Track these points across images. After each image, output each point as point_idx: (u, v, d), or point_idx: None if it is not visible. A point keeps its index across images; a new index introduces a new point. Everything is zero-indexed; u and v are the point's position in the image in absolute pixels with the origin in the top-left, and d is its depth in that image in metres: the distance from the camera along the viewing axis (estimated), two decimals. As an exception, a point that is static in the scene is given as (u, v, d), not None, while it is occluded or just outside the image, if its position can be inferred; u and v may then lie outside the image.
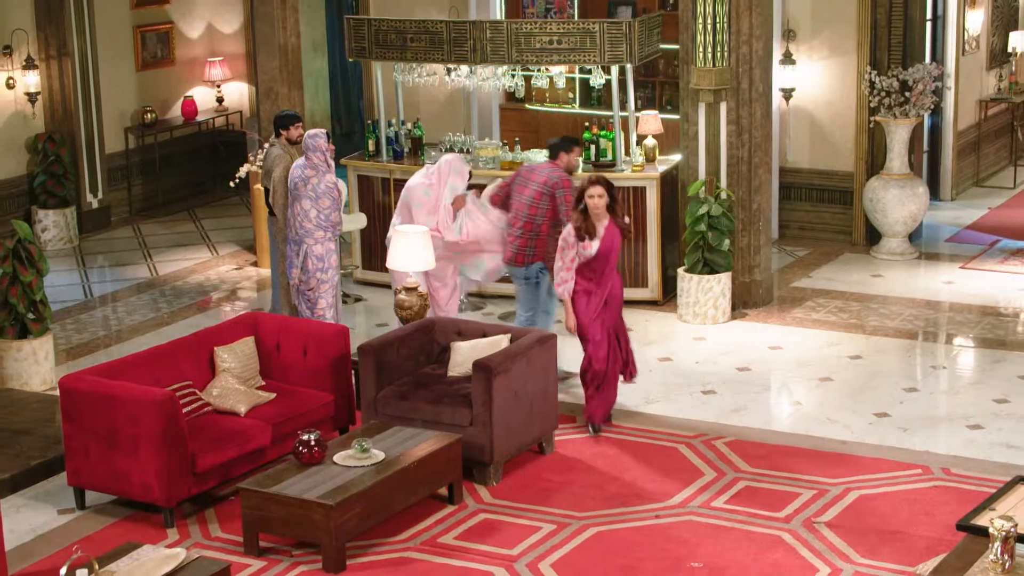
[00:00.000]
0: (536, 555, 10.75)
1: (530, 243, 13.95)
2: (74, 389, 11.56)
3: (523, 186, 14.07)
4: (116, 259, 19.03)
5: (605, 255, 12.70)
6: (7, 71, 19.21)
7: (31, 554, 10.94)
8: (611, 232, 12.68)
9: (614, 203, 12.69)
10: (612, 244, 12.72)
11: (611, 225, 12.68)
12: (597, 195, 12.53)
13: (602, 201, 12.52)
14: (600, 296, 12.85)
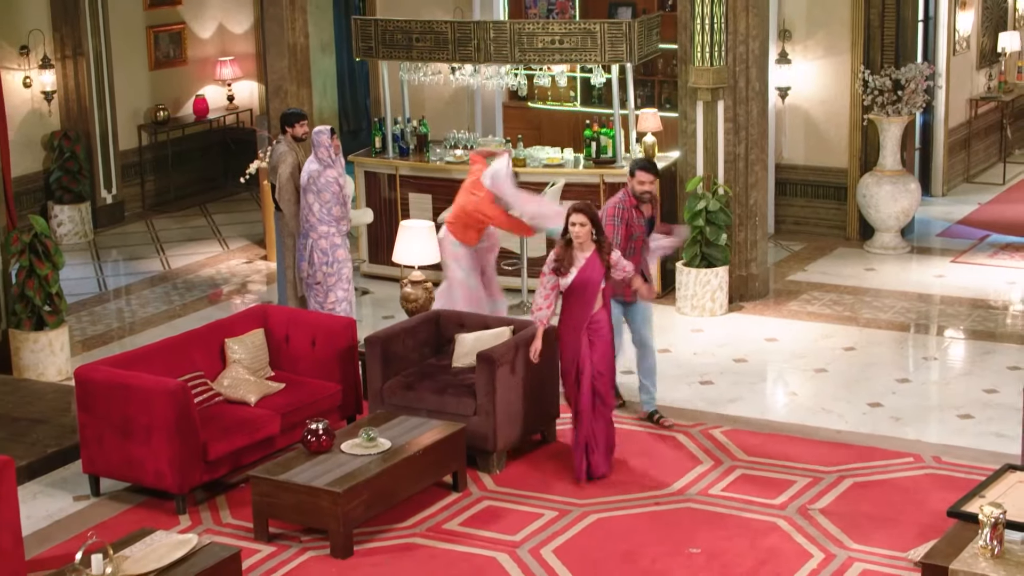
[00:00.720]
0: (538, 541, 10.75)
1: None
2: (89, 379, 11.57)
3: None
4: (130, 253, 19.03)
5: (580, 288, 11.61)
6: (24, 70, 19.22)
7: (48, 539, 10.96)
8: (591, 265, 11.60)
9: (601, 235, 11.65)
10: (589, 277, 11.60)
11: (593, 257, 11.60)
12: (579, 223, 11.55)
13: (584, 230, 11.51)
14: (576, 330, 11.73)
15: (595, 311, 11.72)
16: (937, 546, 9.32)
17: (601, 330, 11.76)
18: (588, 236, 11.56)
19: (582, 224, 11.54)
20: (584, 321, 11.67)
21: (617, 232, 12.44)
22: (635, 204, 12.57)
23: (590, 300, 11.67)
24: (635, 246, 12.60)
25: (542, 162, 16.53)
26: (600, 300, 11.76)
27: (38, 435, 12.51)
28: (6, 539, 9.81)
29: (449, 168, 16.69)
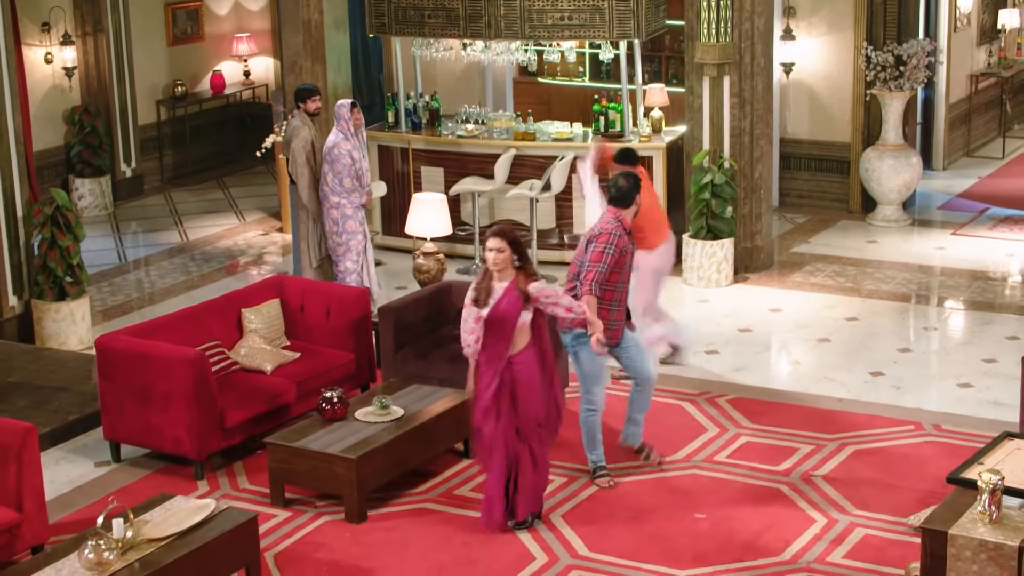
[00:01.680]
0: (548, 507, 10.76)
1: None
2: (109, 348, 11.59)
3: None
4: (149, 225, 19.03)
5: (496, 323, 9.96)
6: (45, 47, 19.20)
7: (70, 504, 10.99)
8: (509, 296, 9.94)
9: (524, 261, 10.02)
10: (505, 312, 9.94)
11: (512, 288, 9.93)
12: (496, 249, 9.89)
13: (501, 257, 9.86)
14: (491, 374, 10.09)
15: (516, 351, 10.05)
16: (937, 512, 9.32)
17: (524, 374, 10.06)
18: (508, 263, 9.92)
19: (499, 250, 9.88)
20: (500, 361, 10.04)
21: (605, 261, 10.65)
22: (628, 230, 10.92)
23: (506, 337, 10.00)
24: (627, 278, 11.00)
25: (551, 136, 16.50)
26: (525, 337, 10.04)
27: (60, 403, 12.56)
28: (30, 503, 9.84)
29: (460, 142, 16.68)
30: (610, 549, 10.15)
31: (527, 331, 10.05)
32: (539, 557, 10.07)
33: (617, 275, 10.80)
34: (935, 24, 19.68)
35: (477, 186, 16.30)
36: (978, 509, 9.05)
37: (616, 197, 10.95)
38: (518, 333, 10.02)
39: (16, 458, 9.79)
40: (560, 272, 16.08)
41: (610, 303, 10.81)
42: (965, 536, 8.92)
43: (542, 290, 10.05)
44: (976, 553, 8.89)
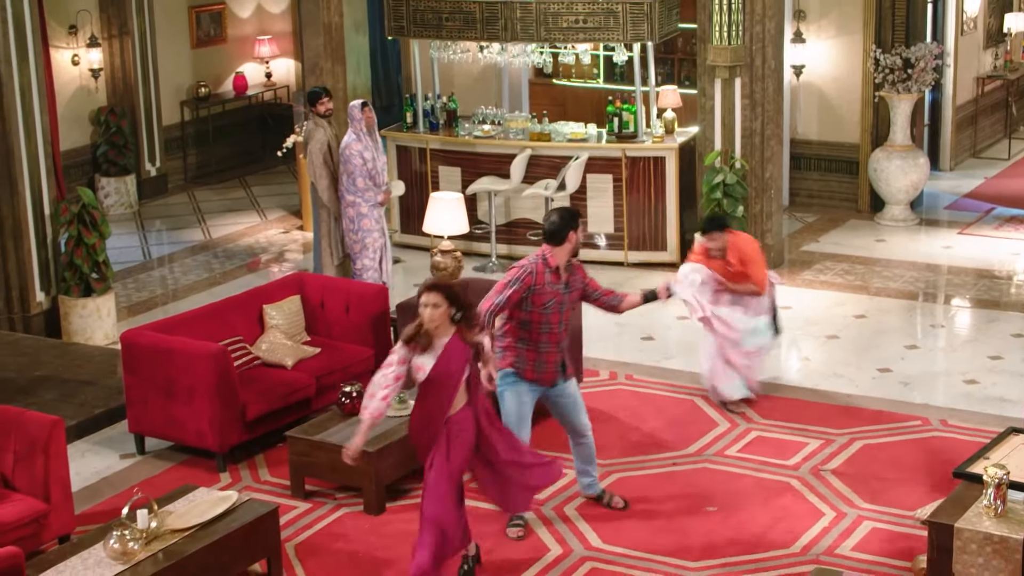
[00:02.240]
0: (562, 499, 10.77)
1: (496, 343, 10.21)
2: (134, 343, 11.61)
3: None
4: (173, 223, 19.05)
5: (436, 381, 9.01)
6: (72, 49, 19.23)
7: (96, 495, 11.01)
8: (453, 351, 8.98)
9: (465, 314, 9.05)
10: (447, 369, 8.97)
11: (455, 341, 8.98)
12: (430, 304, 8.93)
13: (437, 312, 8.91)
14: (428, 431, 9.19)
15: (455, 411, 9.11)
16: (943, 505, 9.32)
17: (462, 435, 9.18)
18: (444, 319, 8.97)
19: (434, 305, 8.93)
20: (438, 422, 9.12)
21: (504, 294, 9.77)
22: (555, 267, 9.92)
23: (448, 396, 9.06)
24: (550, 321, 9.97)
25: (566, 137, 16.50)
26: (464, 396, 9.14)
27: (86, 396, 12.58)
28: (57, 494, 9.86)
29: (477, 142, 16.68)
30: (623, 541, 10.15)
31: (464, 390, 9.11)
32: (553, 549, 10.07)
33: (540, 315, 9.88)
34: (942, 28, 19.64)
35: (493, 185, 16.30)
36: (984, 503, 9.05)
37: (548, 232, 9.99)
38: (458, 393, 9.09)
39: (44, 450, 9.82)
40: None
41: (537, 343, 9.96)
42: (971, 529, 8.91)
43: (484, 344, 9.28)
44: (982, 546, 8.88)
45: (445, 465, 9.09)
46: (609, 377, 13.14)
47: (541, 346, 10.01)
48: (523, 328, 9.96)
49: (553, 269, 9.93)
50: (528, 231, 16.50)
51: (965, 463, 9.77)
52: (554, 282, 9.92)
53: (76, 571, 8.74)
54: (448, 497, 9.13)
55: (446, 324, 8.97)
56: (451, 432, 9.10)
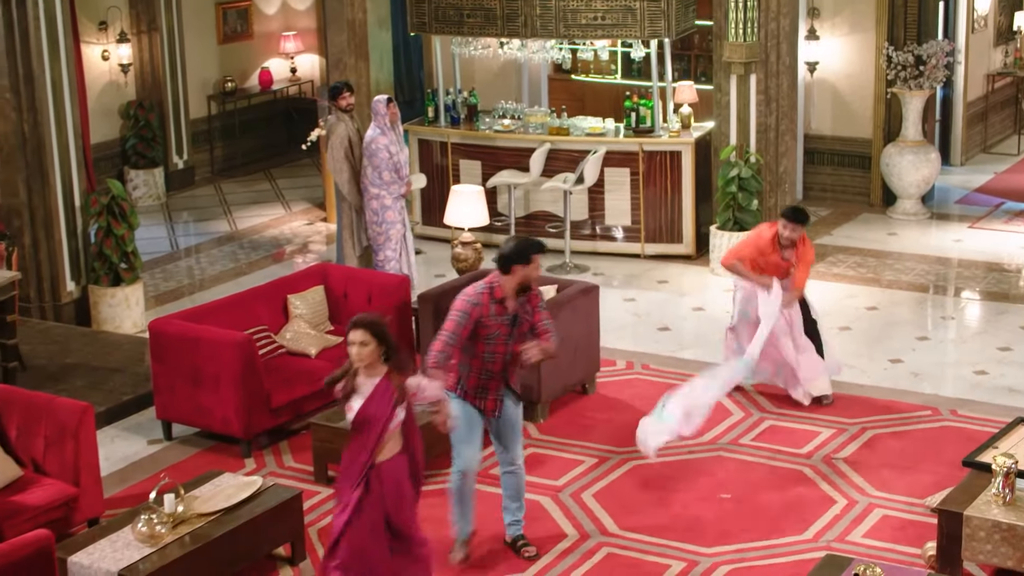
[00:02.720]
0: (579, 486, 10.78)
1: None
2: (162, 332, 11.63)
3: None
4: (199, 215, 19.08)
5: (366, 422, 8.38)
6: (103, 44, 19.26)
7: (125, 479, 11.04)
8: (379, 395, 8.36)
9: (393, 353, 8.41)
10: (372, 413, 8.35)
11: (384, 383, 8.37)
12: (358, 342, 8.28)
13: (365, 351, 8.27)
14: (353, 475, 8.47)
15: (384, 459, 8.45)
16: (952, 494, 9.31)
17: (388, 484, 8.47)
18: (374, 357, 8.32)
19: (362, 343, 8.28)
20: (362, 468, 8.44)
21: (454, 332, 9.22)
22: (500, 298, 9.28)
23: (374, 441, 8.40)
24: (494, 351, 9.38)
25: (585, 131, 16.49)
26: (397, 442, 8.49)
27: (115, 383, 12.62)
28: (87, 479, 9.89)
29: (497, 137, 16.68)
30: (639, 527, 10.15)
31: (398, 435, 8.48)
32: (571, 534, 10.08)
33: (483, 345, 9.31)
34: (954, 25, 19.59)
35: (513, 179, 16.30)
36: (992, 491, 9.04)
37: (497, 257, 9.42)
38: (388, 437, 8.45)
39: (74, 436, 9.85)
40: (592, 261, 16.11)
41: (479, 372, 9.41)
42: (980, 517, 8.91)
43: (419, 385, 8.67)
44: (990, 533, 8.88)
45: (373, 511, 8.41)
46: (626, 367, 13.14)
47: (483, 375, 9.43)
48: (466, 353, 9.37)
49: (498, 300, 9.28)
50: (547, 223, 16.50)
51: (974, 452, 9.77)
52: (499, 314, 9.29)
53: (105, 553, 8.77)
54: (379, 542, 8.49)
55: (376, 363, 8.35)
56: (377, 479, 8.41)
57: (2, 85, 13.89)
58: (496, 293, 9.30)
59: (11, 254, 13.39)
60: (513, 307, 9.36)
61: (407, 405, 8.50)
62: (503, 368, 9.48)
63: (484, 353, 9.37)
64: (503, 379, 9.54)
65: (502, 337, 9.36)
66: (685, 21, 16.20)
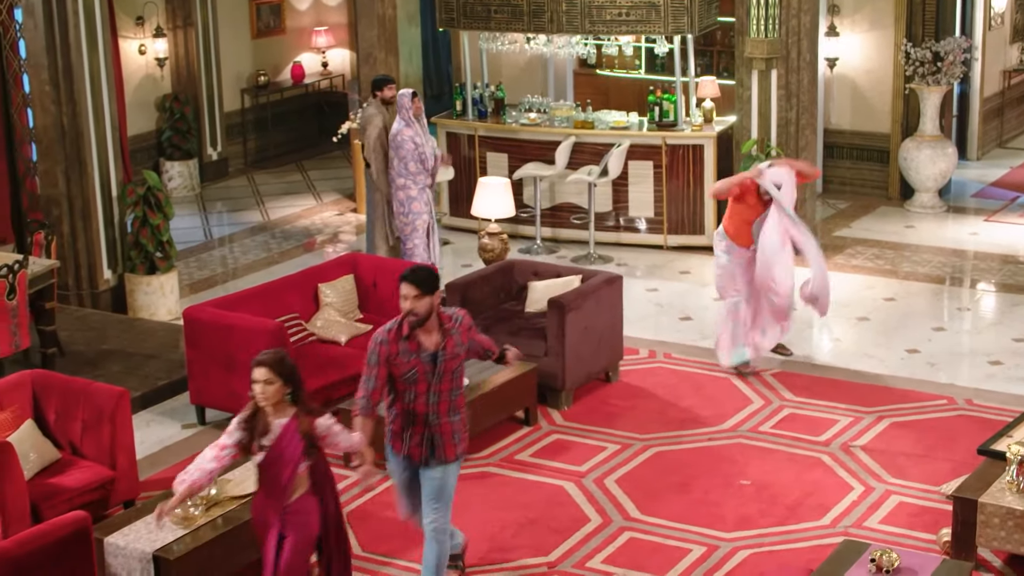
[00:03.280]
0: (602, 472, 10.78)
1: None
2: (196, 319, 11.66)
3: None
4: (233, 205, 19.11)
5: (273, 463, 7.92)
6: (139, 39, 19.29)
7: (159, 463, 11.07)
8: (289, 436, 7.89)
9: (300, 394, 7.95)
10: (281, 453, 7.89)
11: (292, 425, 7.89)
12: (262, 380, 7.80)
13: (270, 390, 7.80)
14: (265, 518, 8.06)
15: (294, 499, 8.02)
16: (967, 481, 9.29)
17: (299, 524, 8.06)
18: (279, 397, 7.86)
19: (266, 382, 7.80)
20: (274, 509, 8.02)
21: (370, 376, 8.42)
22: (406, 335, 8.38)
23: (285, 483, 7.95)
24: (415, 391, 8.43)
25: (609, 125, 16.48)
26: (305, 484, 8.06)
27: (150, 369, 12.66)
28: (123, 461, 9.94)
29: (523, 130, 16.68)
30: (660, 512, 10.15)
31: (306, 478, 8.05)
32: (593, 519, 10.08)
33: (402, 386, 8.43)
34: (971, 23, 19.51)
35: (539, 171, 16.29)
36: (1007, 479, 9.02)
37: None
38: (299, 481, 8.02)
39: (110, 420, 9.88)
40: (615, 252, 16.10)
41: (403, 415, 8.53)
42: (994, 504, 8.89)
43: (329, 428, 8.09)
44: (1004, 520, 8.86)
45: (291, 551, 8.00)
46: (648, 356, 13.13)
47: (407, 418, 8.50)
48: (392, 396, 8.53)
49: (406, 337, 8.36)
50: (571, 215, 16.50)
51: (989, 441, 9.75)
52: (411, 351, 8.36)
53: (140, 534, 8.79)
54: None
55: (282, 403, 7.88)
56: (288, 521, 8.00)
57: (42, 79, 13.94)
58: (403, 329, 8.37)
59: (50, 243, 13.45)
60: (434, 343, 8.40)
61: (318, 449, 8.04)
62: (430, 412, 8.45)
63: (406, 395, 8.44)
64: (431, 425, 8.48)
65: (422, 376, 8.37)
66: (708, 17, 16.17)
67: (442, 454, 8.54)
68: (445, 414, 8.50)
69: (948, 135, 18.23)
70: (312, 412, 8.01)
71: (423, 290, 8.27)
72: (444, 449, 8.54)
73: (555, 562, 9.55)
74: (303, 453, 7.91)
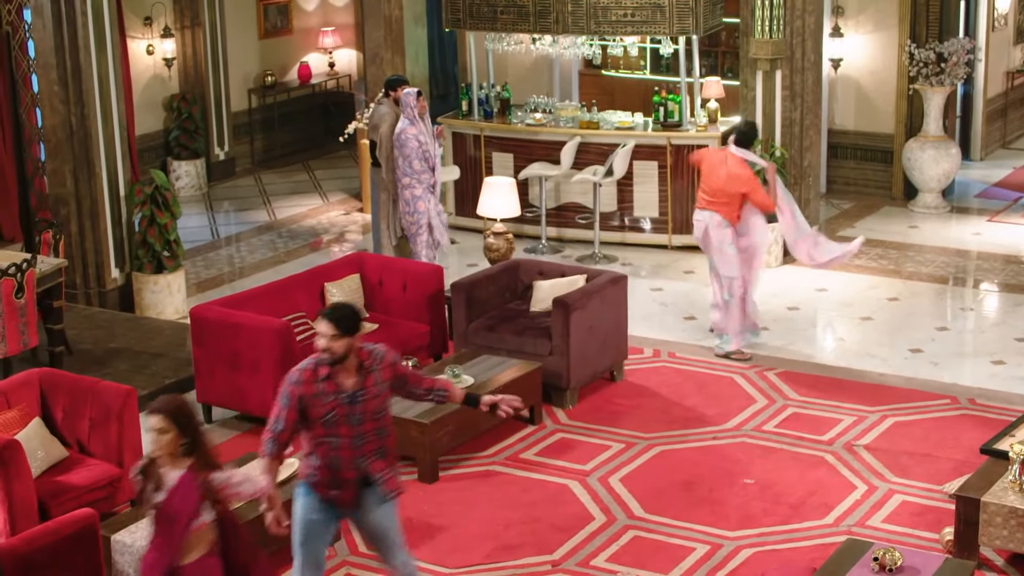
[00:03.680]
0: (606, 471, 10.77)
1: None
2: (203, 318, 11.66)
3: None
4: (240, 204, 19.12)
5: (167, 519, 7.24)
6: (147, 39, 19.30)
7: (165, 461, 11.06)
8: (186, 485, 7.22)
9: (198, 444, 7.30)
10: (179, 507, 7.20)
11: (188, 477, 7.22)
12: (157, 429, 7.18)
13: (164, 439, 7.17)
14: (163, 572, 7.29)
15: (189, 560, 7.30)
16: (970, 480, 9.29)
17: None
18: (174, 447, 7.21)
19: (160, 430, 7.18)
20: (164, 572, 7.28)
21: (279, 416, 7.88)
22: (325, 376, 7.80)
23: (176, 540, 7.25)
24: (337, 435, 7.83)
25: (614, 125, 16.47)
26: (204, 543, 7.35)
27: (157, 367, 12.66)
28: (130, 459, 9.91)
29: (529, 130, 16.67)
30: (664, 510, 10.15)
31: (206, 535, 7.36)
32: (598, 517, 10.07)
33: (322, 429, 7.82)
34: (974, 24, 19.50)
35: (544, 171, 16.28)
36: (1009, 478, 9.02)
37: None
38: (193, 537, 7.30)
39: (117, 418, 9.89)
40: (620, 251, 16.09)
41: (328, 459, 7.88)
42: (997, 503, 8.88)
43: (228, 480, 7.38)
44: (1007, 519, 8.85)
45: None
46: (653, 355, 13.13)
47: (332, 462, 7.87)
48: (312, 440, 7.90)
49: (324, 378, 7.80)
50: (577, 215, 16.49)
51: (992, 440, 9.74)
52: (329, 391, 7.78)
53: (147, 532, 8.77)
54: None
55: (178, 454, 7.24)
56: None
57: (51, 79, 13.95)
58: (320, 370, 7.82)
59: (58, 242, 13.47)
60: (354, 383, 7.83)
61: (220, 502, 7.37)
62: (358, 455, 7.87)
63: (328, 438, 7.83)
64: (360, 468, 7.91)
65: (344, 419, 7.79)
66: (713, 18, 16.16)
67: (381, 490, 7.97)
68: (373, 453, 7.91)
69: (952, 136, 18.22)
70: (210, 464, 7.30)
71: (341, 330, 7.69)
72: (382, 485, 7.97)
73: (559, 560, 9.55)
74: (198, 508, 7.22)
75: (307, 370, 7.83)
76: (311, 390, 7.79)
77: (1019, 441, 9.17)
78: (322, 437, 7.83)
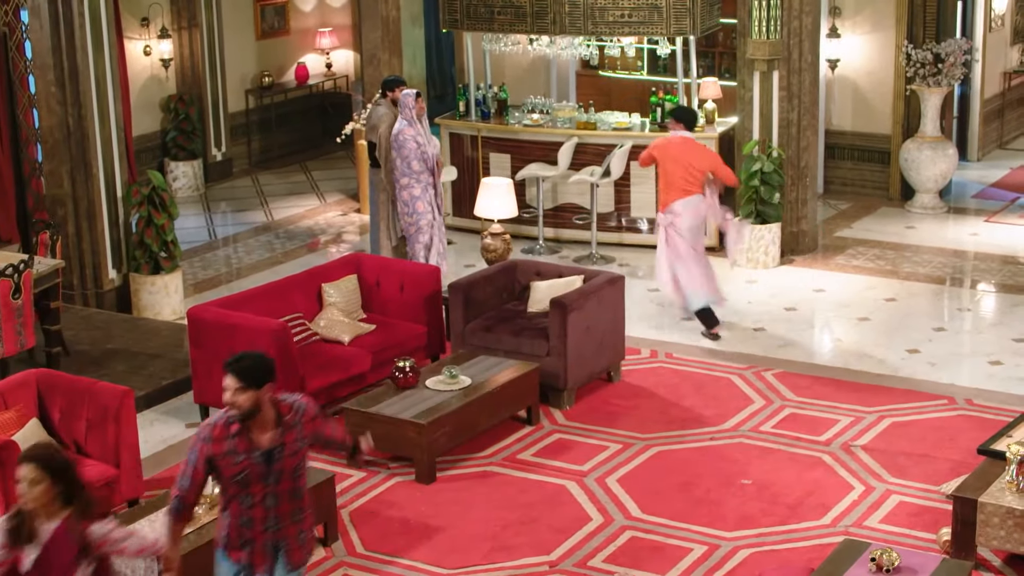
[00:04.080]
0: (604, 471, 10.77)
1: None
2: (200, 319, 11.65)
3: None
4: (237, 205, 19.11)
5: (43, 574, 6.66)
6: (144, 40, 19.29)
7: (163, 462, 11.07)
8: (61, 539, 6.67)
9: (75, 495, 6.72)
10: (55, 562, 6.66)
11: (63, 529, 6.67)
12: (27, 479, 6.60)
13: (36, 491, 6.59)
14: None
15: None
16: (967, 481, 9.29)
17: None
18: (47, 498, 6.64)
19: (31, 481, 6.60)
20: None
21: (186, 474, 7.27)
22: (235, 433, 7.21)
23: None
24: (251, 494, 7.23)
25: (611, 125, 16.46)
26: None
27: (155, 368, 12.65)
28: (127, 460, 9.93)
29: (526, 131, 16.67)
30: (662, 511, 10.14)
31: None
32: (595, 518, 10.07)
33: (234, 488, 7.23)
34: (971, 24, 19.50)
35: (541, 171, 16.28)
36: (1006, 479, 9.02)
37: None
38: None
39: (115, 419, 9.88)
40: (617, 252, 16.09)
41: (239, 518, 7.31)
42: (994, 504, 8.88)
43: (108, 534, 6.80)
44: (1004, 520, 8.85)
45: None
46: (650, 355, 13.13)
47: (243, 522, 7.29)
48: (225, 497, 7.35)
49: (235, 435, 7.20)
50: (574, 215, 16.49)
51: (989, 440, 9.74)
52: (240, 450, 7.18)
53: (144, 533, 8.77)
54: None
55: (51, 506, 6.65)
56: None
57: (48, 79, 13.94)
58: (231, 426, 7.23)
59: (55, 243, 13.46)
60: (270, 439, 7.25)
61: (99, 557, 6.80)
62: (269, 517, 7.30)
63: (240, 497, 7.25)
64: (272, 531, 7.33)
65: (256, 478, 7.20)
66: (710, 19, 16.16)
67: (288, 560, 7.37)
68: (287, 516, 7.32)
69: (949, 136, 18.22)
70: (87, 515, 6.73)
71: (246, 383, 7.11)
72: (290, 554, 7.37)
73: (556, 561, 9.55)
74: (75, 562, 6.66)
75: (217, 426, 7.21)
76: (220, 448, 7.18)
77: (1016, 442, 9.17)
78: (235, 496, 7.25)
